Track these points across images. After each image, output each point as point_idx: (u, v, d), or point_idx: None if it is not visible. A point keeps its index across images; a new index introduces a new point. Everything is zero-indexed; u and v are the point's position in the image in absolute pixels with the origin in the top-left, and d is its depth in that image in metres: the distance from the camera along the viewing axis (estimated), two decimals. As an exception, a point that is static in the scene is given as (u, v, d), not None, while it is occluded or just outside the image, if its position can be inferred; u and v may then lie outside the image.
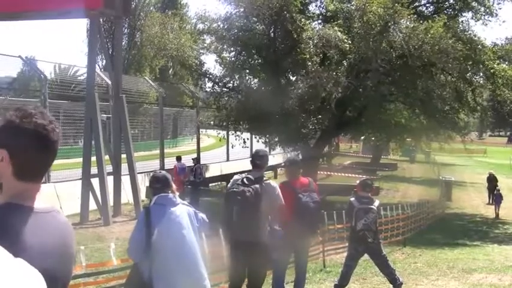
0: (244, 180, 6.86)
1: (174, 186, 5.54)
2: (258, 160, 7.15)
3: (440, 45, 19.87)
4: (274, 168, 32.69)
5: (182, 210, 5.29)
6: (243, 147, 25.93)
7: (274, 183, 7.25)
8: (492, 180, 28.99)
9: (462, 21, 24.14)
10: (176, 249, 5.15)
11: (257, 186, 6.79)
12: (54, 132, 1.94)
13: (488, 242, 18.36)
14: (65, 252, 1.99)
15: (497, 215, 25.09)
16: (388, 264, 9.26)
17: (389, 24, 20.61)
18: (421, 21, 21.21)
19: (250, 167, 7.24)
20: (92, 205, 17.46)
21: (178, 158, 21.75)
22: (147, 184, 20.93)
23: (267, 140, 25.21)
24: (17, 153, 1.91)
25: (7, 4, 17.00)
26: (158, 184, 5.44)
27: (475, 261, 13.50)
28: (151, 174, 5.90)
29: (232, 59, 23.95)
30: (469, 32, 23.04)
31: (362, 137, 41.77)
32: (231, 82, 24.36)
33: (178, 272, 5.13)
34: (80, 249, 7.70)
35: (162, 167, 23.84)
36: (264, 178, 7.09)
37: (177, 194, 5.48)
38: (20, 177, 1.93)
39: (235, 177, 7.07)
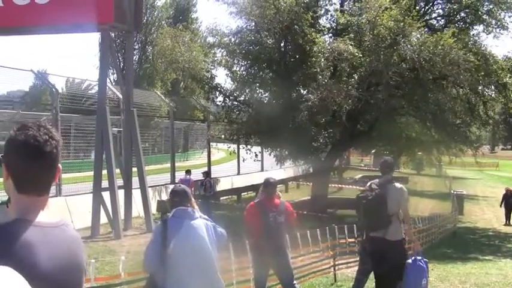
0: (372, 185, 7.70)
1: (193, 200, 5.54)
2: (386, 167, 8.03)
3: (451, 57, 19.82)
4: (285, 182, 32.65)
5: (200, 224, 5.26)
6: (254, 160, 25.94)
7: (399, 185, 7.91)
8: (510, 197, 27.27)
9: (473, 34, 24.12)
10: (193, 262, 5.11)
11: (381, 189, 7.58)
12: (47, 144, 1.90)
13: (501, 256, 18.14)
14: (74, 266, 1.97)
15: None
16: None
17: (400, 37, 20.59)
18: (432, 35, 21.17)
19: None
20: (103, 219, 17.45)
21: (188, 172, 21.64)
22: (158, 198, 21.08)
23: (278, 154, 25.19)
24: (12, 166, 1.91)
25: (18, 19, 17.13)
26: (177, 198, 5.44)
27: (487, 275, 13.32)
28: (163, 188, 5.93)
29: (243, 72, 24.02)
30: (481, 44, 22.99)
31: (373, 150, 41.66)
32: (242, 96, 24.40)
33: (194, 284, 5.11)
34: (90, 263, 7.68)
35: (173, 181, 23.81)
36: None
37: (197, 208, 5.47)
38: (20, 191, 1.92)
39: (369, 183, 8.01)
